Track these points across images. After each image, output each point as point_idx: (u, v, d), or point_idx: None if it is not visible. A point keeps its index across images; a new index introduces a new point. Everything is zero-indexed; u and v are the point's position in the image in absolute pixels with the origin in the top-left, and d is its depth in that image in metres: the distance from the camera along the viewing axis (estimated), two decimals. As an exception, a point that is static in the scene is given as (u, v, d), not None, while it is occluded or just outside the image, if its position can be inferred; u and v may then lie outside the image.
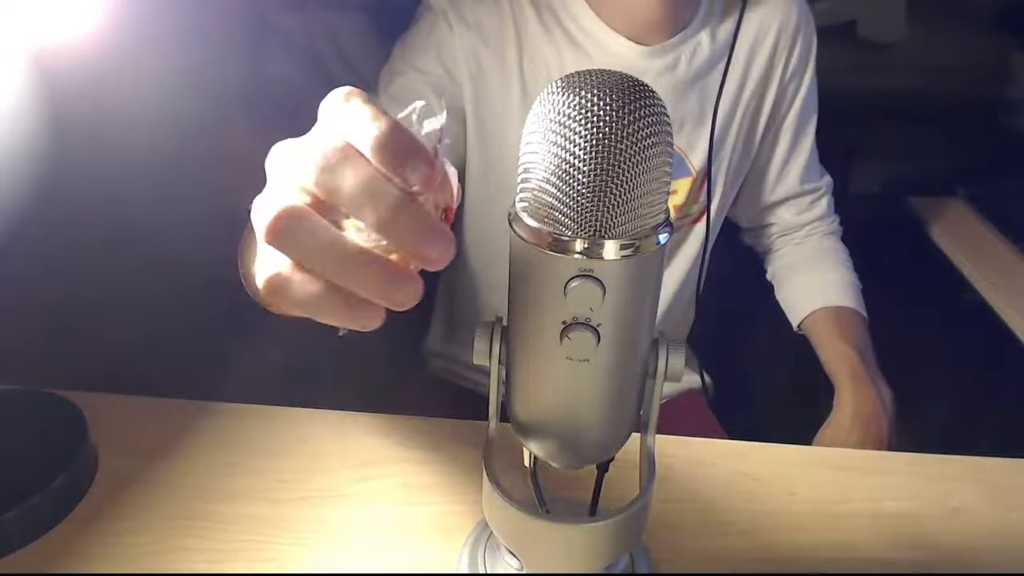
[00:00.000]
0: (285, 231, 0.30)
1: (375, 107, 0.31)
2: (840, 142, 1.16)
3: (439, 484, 0.61)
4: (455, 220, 0.98)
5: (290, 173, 0.32)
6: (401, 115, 0.33)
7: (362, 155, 0.30)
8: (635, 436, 0.45)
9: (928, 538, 0.59)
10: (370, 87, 0.49)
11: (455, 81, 0.80)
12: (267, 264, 0.33)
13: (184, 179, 0.88)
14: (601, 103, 0.33)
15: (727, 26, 0.84)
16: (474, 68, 0.79)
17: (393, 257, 0.32)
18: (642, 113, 0.33)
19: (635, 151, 0.33)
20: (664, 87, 0.82)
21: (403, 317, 0.35)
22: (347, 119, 0.31)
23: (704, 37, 0.83)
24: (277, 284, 0.32)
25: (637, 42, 0.80)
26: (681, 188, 0.88)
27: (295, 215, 0.31)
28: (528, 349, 0.40)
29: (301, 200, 0.32)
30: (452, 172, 0.34)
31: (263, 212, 0.31)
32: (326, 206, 0.32)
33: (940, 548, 0.58)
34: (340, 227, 0.32)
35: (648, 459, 0.45)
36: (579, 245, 0.35)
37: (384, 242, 0.32)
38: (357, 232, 0.32)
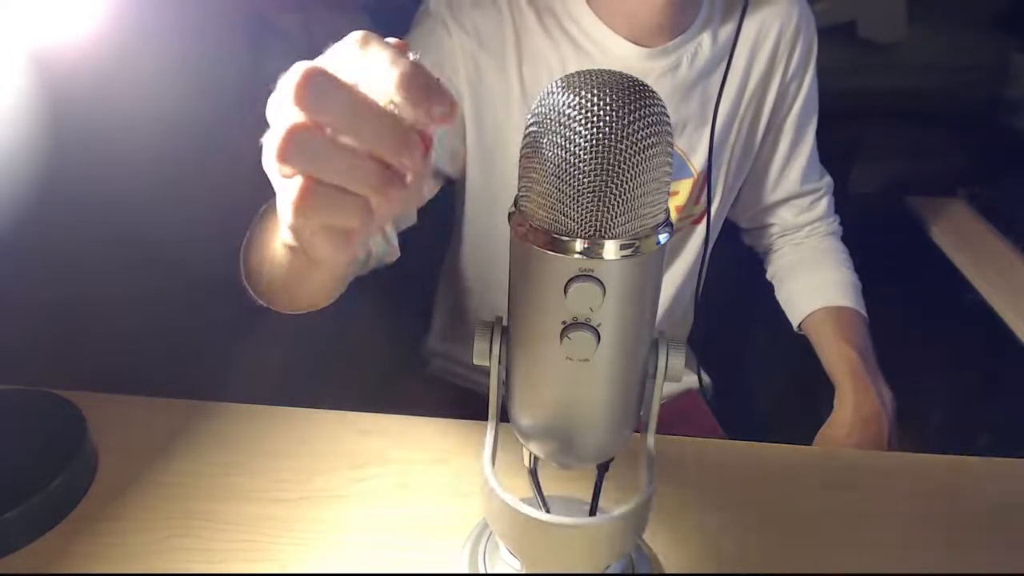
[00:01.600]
0: (297, 142, 0.32)
1: (393, 49, 0.33)
2: (840, 142, 1.16)
3: (439, 484, 0.61)
4: (455, 220, 0.98)
5: (278, 103, 0.34)
6: None
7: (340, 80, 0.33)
8: (635, 436, 0.45)
9: (927, 538, 0.59)
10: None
11: (454, 86, 0.80)
12: (285, 193, 0.34)
13: (184, 179, 0.88)
14: (601, 103, 0.33)
15: (728, 28, 0.84)
16: (473, 73, 0.79)
17: None
18: (642, 113, 0.33)
19: (635, 151, 0.33)
20: (665, 89, 0.82)
21: (403, 317, 0.35)
22: (367, 62, 0.33)
23: (705, 39, 0.83)
24: (305, 190, 0.33)
25: (639, 44, 0.80)
26: (683, 189, 0.88)
27: (300, 127, 0.32)
28: (528, 349, 0.40)
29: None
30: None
31: (271, 143, 0.33)
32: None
33: (940, 548, 0.58)
34: None
35: (648, 459, 0.45)
36: (579, 245, 0.35)
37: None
38: None
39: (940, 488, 0.64)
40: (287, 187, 0.34)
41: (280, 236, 0.46)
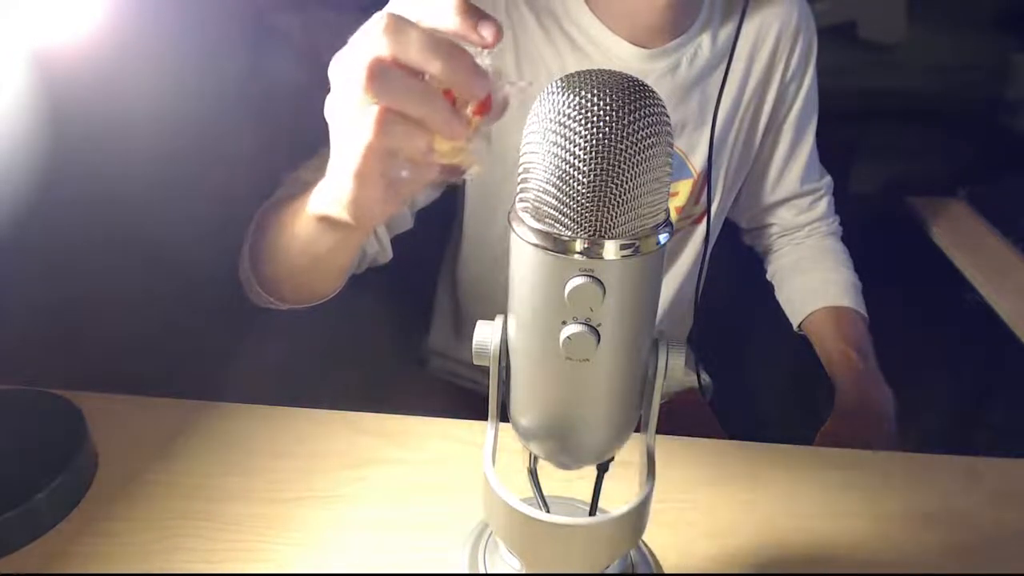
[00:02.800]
0: (382, 74, 0.37)
1: None
2: (840, 142, 1.16)
3: (439, 484, 0.61)
4: (455, 220, 0.98)
5: (360, 44, 0.39)
6: None
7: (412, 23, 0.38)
8: (635, 436, 0.45)
9: (928, 538, 0.59)
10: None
11: None
12: (358, 128, 0.40)
13: (184, 179, 0.88)
14: (601, 103, 0.33)
15: (728, 28, 0.84)
16: None
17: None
18: (642, 113, 0.33)
19: (635, 151, 0.33)
20: (665, 89, 0.82)
21: (403, 317, 0.36)
22: (415, 7, 0.39)
23: (705, 39, 0.83)
24: (382, 119, 0.39)
25: (638, 45, 0.80)
26: (683, 190, 0.88)
27: (383, 60, 0.38)
28: (528, 349, 0.40)
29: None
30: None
31: (353, 71, 0.38)
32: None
33: (940, 548, 0.58)
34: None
35: (648, 459, 0.45)
36: (579, 245, 0.35)
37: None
38: None
39: (940, 488, 0.64)
40: (361, 121, 0.39)
41: (319, 209, 0.51)
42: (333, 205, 0.49)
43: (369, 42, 0.38)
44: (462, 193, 0.91)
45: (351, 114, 0.40)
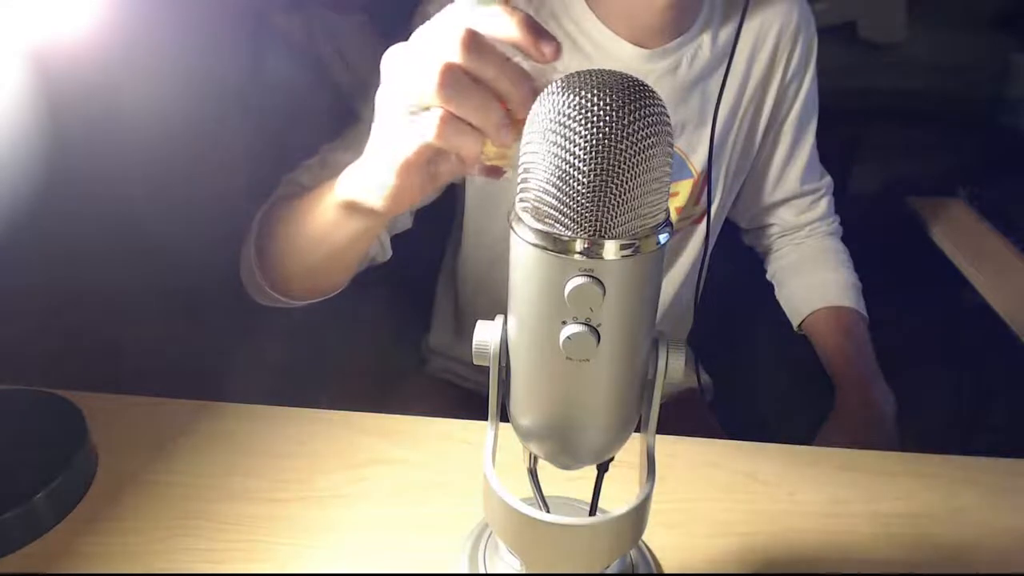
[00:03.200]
0: (454, 79, 0.41)
1: (504, 3, 0.42)
2: (840, 142, 1.16)
3: (439, 484, 0.61)
4: (456, 220, 0.98)
5: (434, 49, 0.41)
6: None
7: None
8: (635, 436, 0.45)
9: (928, 538, 0.59)
10: (369, 88, 0.50)
11: None
12: (419, 126, 0.43)
13: (183, 179, 0.88)
14: (601, 103, 0.33)
15: (728, 29, 0.84)
16: None
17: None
18: (642, 113, 0.33)
19: (635, 151, 0.33)
20: (666, 90, 0.82)
21: (403, 317, 0.36)
22: (484, 13, 0.42)
23: (706, 40, 0.83)
24: (445, 121, 0.42)
25: (639, 45, 0.80)
26: (683, 190, 0.88)
27: (455, 66, 0.41)
28: (528, 349, 0.40)
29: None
30: None
31: (424, 72, 0.41)
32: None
33: (940, 548, 0.58)
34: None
35: (648, 459, 0.45)
36: (579, 245, 0.35)
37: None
38: None
39: (940, 488, 0.64)
40: (423, 119, 0.43)
41: (347, 194, 0.54)
42: (366, 191, 0.51)
43: (444, 48, 0.41)
44: (462, 193, 0.91)
45: (409, 111, 0.44)
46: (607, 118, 0.33)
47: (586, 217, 0.34)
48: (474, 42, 0.41)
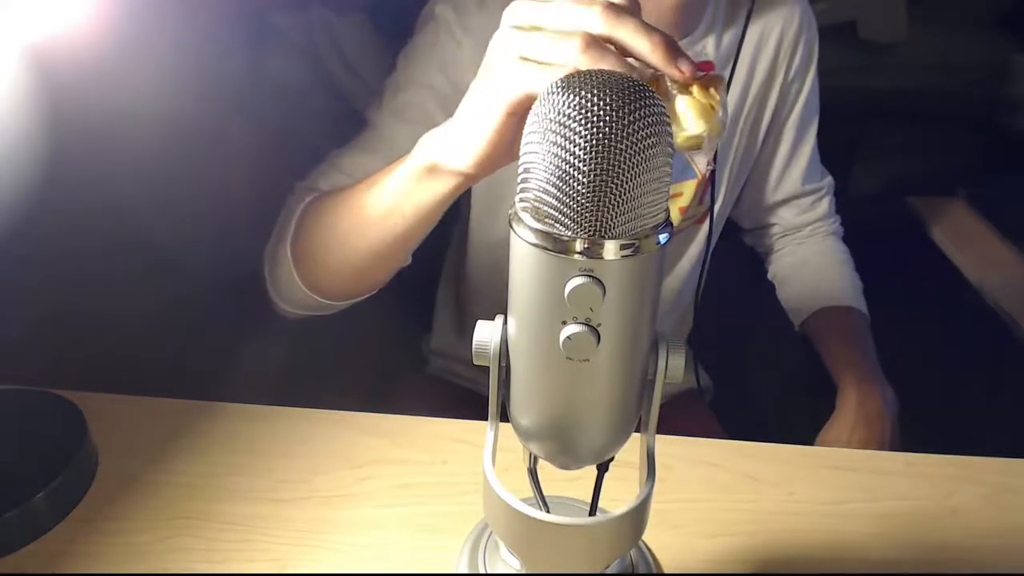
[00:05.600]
0: (598, 46, 0.42)
1: (642, 22, 0.43)
2: (840, 142, 1.16)
3: (439, 484, 0.61)
4: (457, 220, 0.98)
5: (571, 19, 0.42)
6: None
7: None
8: (635, 436, 0.45)
9: (928, 538, 0.59)
10: (369, 88, 0.50)
11: (460, 93, 0.80)
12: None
13: (183, 179, 0.88)
14: (601, 103, 0.33)
15: (732, 32, 0.84)
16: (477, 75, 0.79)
17: None
18: (642, 113, 0.33)
19: (635, 151, 0.33)
20: (668, 91, 0.82)
21: (405, 317, 0.36)
22: (622, 32, 0.43)
23: (709, 42, 0.83)
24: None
25: (642, 47, 0.80)
26: (687, 190, 0.88)
27: (597, 36, 0.42)
28: (528, 349, 0.40)
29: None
30: None
31: (561, 38, 0.42)
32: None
33: (940, 548, 0.58)
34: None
35: (648, 459, 0.45)
36: (579, 245, 0.35)
37: None
38: None
39: (941, 488, 0.64)
40: (561, 44, 0.42)
41: (432, 156, 0.53)
42: (453, 150, 0.51)
43: (583, 18, 0.42)
44: (467, 195, 0.91)
45: (520, 55, 0.44)
46: (607, 118, 0.33)
47: (586, 217, 0.34)
48: (615, 12, 0.43)
